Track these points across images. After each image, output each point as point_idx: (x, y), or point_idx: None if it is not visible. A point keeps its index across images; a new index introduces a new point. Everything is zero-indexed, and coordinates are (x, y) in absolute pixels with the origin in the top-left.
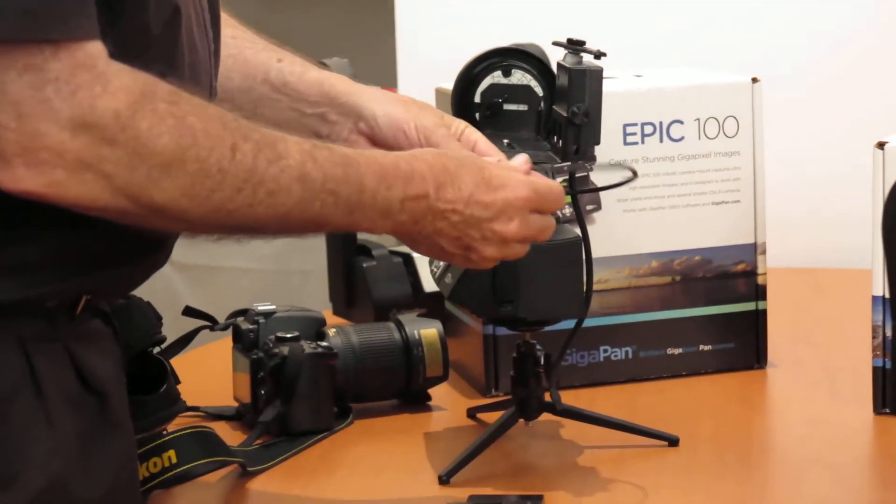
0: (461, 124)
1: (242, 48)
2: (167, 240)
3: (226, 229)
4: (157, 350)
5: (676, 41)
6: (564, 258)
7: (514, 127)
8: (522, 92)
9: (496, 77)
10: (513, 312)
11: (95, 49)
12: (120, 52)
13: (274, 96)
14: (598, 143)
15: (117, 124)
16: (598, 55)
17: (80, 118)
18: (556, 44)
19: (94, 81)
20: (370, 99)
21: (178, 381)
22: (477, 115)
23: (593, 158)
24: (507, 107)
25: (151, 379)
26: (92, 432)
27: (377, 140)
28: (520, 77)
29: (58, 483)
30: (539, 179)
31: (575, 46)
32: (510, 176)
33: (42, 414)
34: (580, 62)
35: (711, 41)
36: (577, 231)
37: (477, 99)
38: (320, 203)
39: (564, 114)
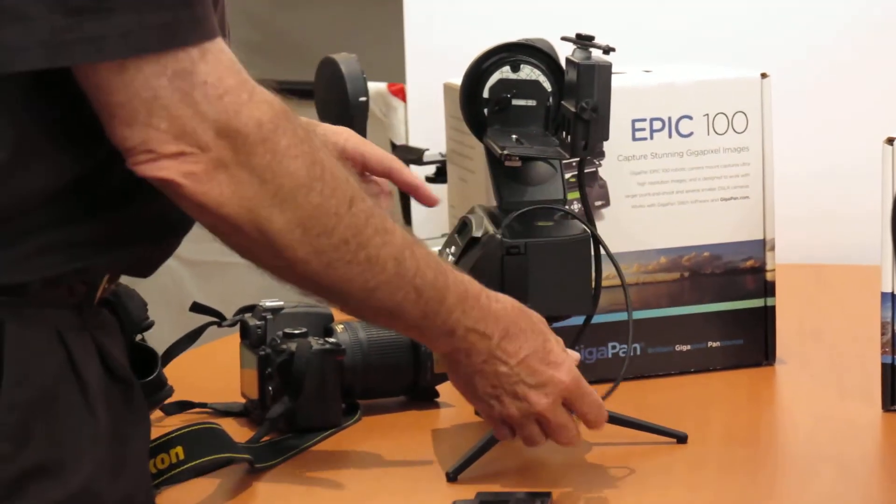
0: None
1: None
2: (185, 224)
3: (317, 283)
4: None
5: (685, 36)
6: (573, 254)
7: (523, 122)
8: (531, 87)
9: (505, 72)
10: None
11: (232, 54)
12: None
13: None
14: (606, 138)
15: (259, 135)
16: (607, 50)
17: (224, 122)
18: (564, 39)
19: (240, 88)
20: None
21: (163, 365)
22: (485, 110)
23: (602, 154)
24: (515, 102)
25: (142, 365)
26: (120, 422)
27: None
28: (528, 72)
29: (100, 471)
30: (583, 380)
31: (584, 42)
32: (567, 360)
33: (84, 403)
34: (589, 57)
35: (720, 36)
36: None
37: (485, 94)
38: (404, 294)
39: (573, 109)
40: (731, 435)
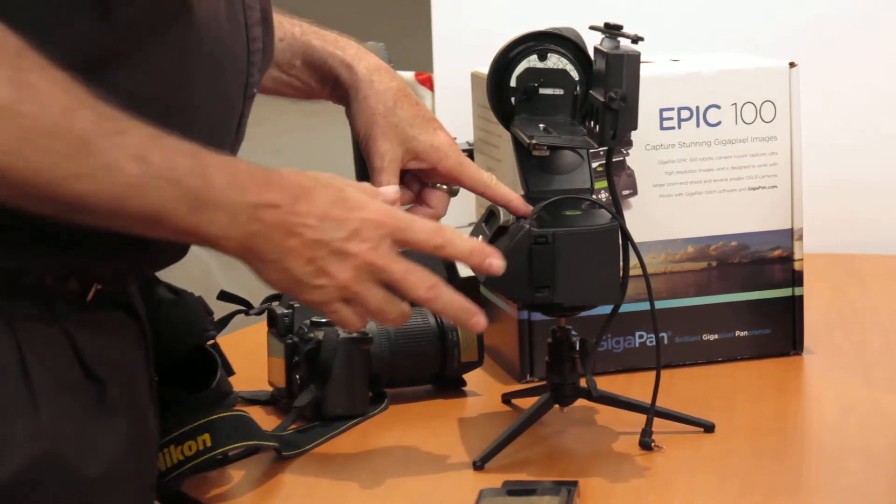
0: (437, 157)
1: (309, 42)
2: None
3: (56, 201)
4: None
5: (713, 25)
6: (601, 244)
7: (550, 111)
8: (558, 76)
9: (532, 61)
10: (549, 298)
11: None
12: (112, 47)
13: (286, 78)
14: (635, 128)
15: None
16: (636, 39)
17: None
18: (593, 28)
19: None
20: (358, 102)
21: (231, 373)
22: (512, 99)
23: (630, 143)
24: (542, 91)
25: (204, 374)
26: (89, 415)
27: None
28: (556, 61)
29: (48, 459)
30: (401, 212)
31: (612, 31)
32: (369, 200)
33: (27, 397)
34: (618, 47)
35: (748, 25)
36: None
37: (512, 83)
38: (159, 191)
39: (602, 98)
40: (758, 425)
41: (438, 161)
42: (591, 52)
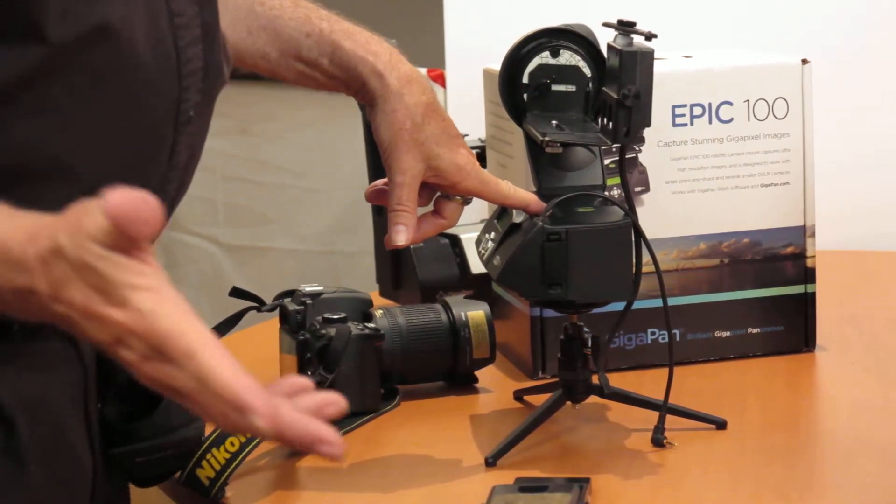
0: (456, 178)
1: (273, 19)
2: None
3: None
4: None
5: (726, 22)
6: (614, 241)
7: (562, 108)
8: (571, 73)
9: (544, 57)
10: (562, 295)
11: None
12: (18, 76)
13: (310, 72)
14: (648, 125)
15: None
16: (649, 36)
17: None
18: (606, 25)
19: None
20: (381, 114)
21: None
22: (525, 95)
23: (642, 140)
24: (555, 87)
25: (149, 403)
26: None
27: None
28: (568, 57)
29: None
30: (164, 321)
31: (625, 28)
32: (130, 294)
33: None
34: (631, 44)
35: (761, 22)
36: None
37: (525, 80)
38: None
39: (615, 95)
40: (770, 421)
41: (461, 180)
42: (603, 49)
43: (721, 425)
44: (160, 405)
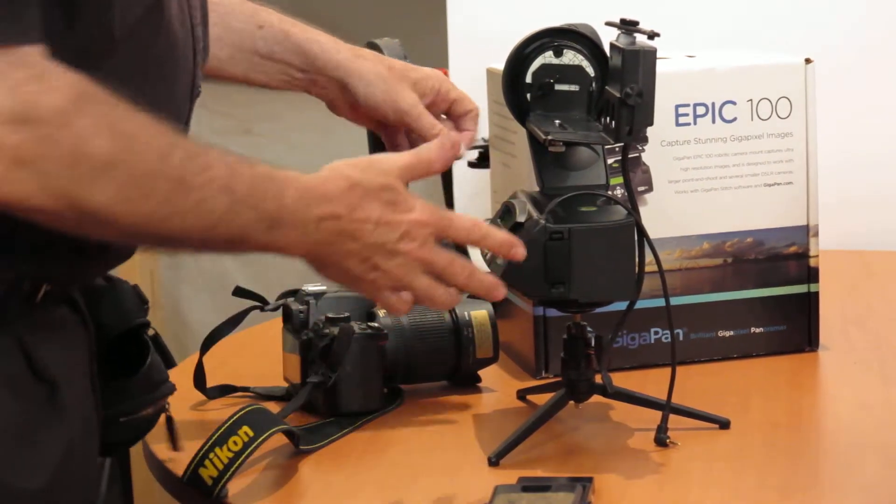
0: (435, 83)
1: (225, 15)
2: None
3: (156, 238)
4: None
5: (729, 21)
6: (617, 240)
7: (565, 107)
8: (574, 72)
9: (547, 57)
10: (564, 294)
11: (34, 50)
12: (82, 54)
13: (264, 64)
14: (651, 124)
15: (59, 121)
16: (652, 35)
17: (21, 113)
18: (609, 24)
19: (32, 78)
20: (355, 77)
21: (171, 365)
22: (528, 95)
23: (645, 139)
24: (558, 87)
25: (136, 361)
26: (36, 419)
27: (360, 111)
28: (571, 57)
29: None
30: (443, 211)
31: (628, 27)
32: (416, 201)
33: None
34: (633, 42)
35: (764, 21)
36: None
37: (528, 79)
38: (244, 218)
39: (617, 94)
40: (773, 421)
41: (439, 87)
42: (606, 49)
43: (724, 425)
44: (147, 362)
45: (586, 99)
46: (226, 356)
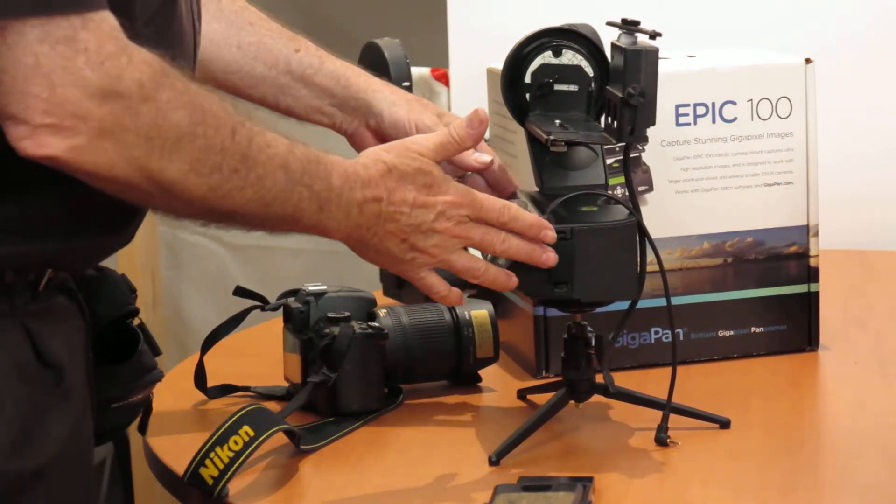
0: (456, 118)
1: (262, 35)
2: (132, 217)
3: (218, 213)
4: (136, 321)
5: (729, 21)
6: (619, 239)
7: (565, 107)
8: (573, 72)
9: (547, 57)
10: (567, 294)
11: (115, 22)
12: None
13: (295, 87)
14: (653, 123)
15: (141, 95)
16: (654, 35)
17: (108, 87)
18: (610, 24)
19: (120, 52)
20: (381, 99)
21: (157, 353)
22: (527, 95)
23: (645, 139)
24: (557, 87)
25: (126, 349)
26: (42, 402)
27: (383, 136)
28: (570, 57)
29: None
30: (475, 192)
31: (629, 27)
32: (450, 184)
33: None
34: (635, 42)
35: (764, 21)
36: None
37: (527, 79)
38: (298, 195)
39: (620, 94)
40: (773, 421)
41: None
42: (607, 49)
43: (724, 424)
44: (138, 348)
45: (586, 99)
46: (226, 356)
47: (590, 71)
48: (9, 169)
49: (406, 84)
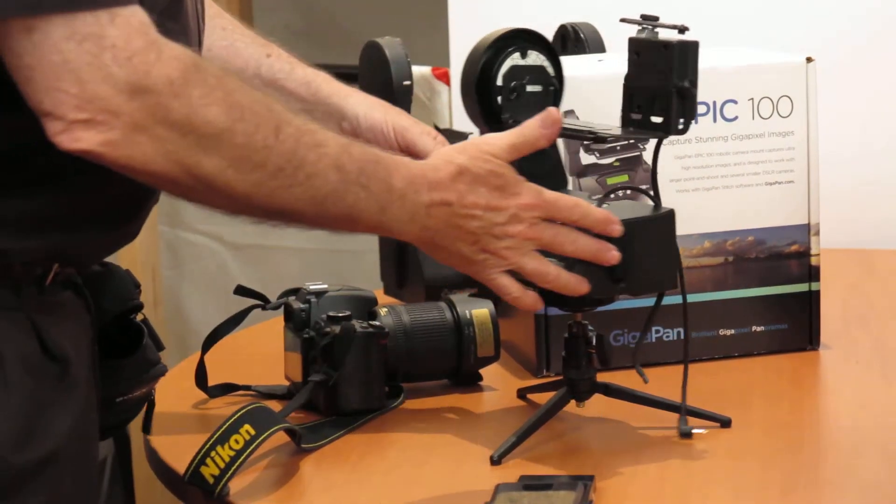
0: (426, 128)
1: (234, 40)
2: (137, 213)
3: (266, 210)
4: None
5: (730, 20)
6: (664, 230)
7: (533, 108)
8: (538, 73)
9: (515, 59)
10: (626, 290)
11: (145, 17)
12: None
13: (265, 91)
14: (695, 116)
15: (171, 91)
16: (682, 30)
17: (136, 83)
18: (624, 20)
19: (148, 48)
20: (354, 103)
21: (161, 348)
22: (499, 98)
23: (646, 139)
24: (529, 88)
25: (130, 343)
26: (48, 396)
27: (358, 139)
28: (535, 58)
29: (6, 438)
30: (547, 192)
31: (650, 22)
32: (523, 185)
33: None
34: (656, 37)
35: (766, 20)
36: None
37: (499, 82)
38: (354, 195)
39: (672, 87)
40: (774, 420)
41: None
42: (604, 45)
43: (725, 423)
44: (143, 342)
45: (552, 99)
46: (227, 355)
47: (551, 71)
48: (15, 165)
49: (407, 83)
